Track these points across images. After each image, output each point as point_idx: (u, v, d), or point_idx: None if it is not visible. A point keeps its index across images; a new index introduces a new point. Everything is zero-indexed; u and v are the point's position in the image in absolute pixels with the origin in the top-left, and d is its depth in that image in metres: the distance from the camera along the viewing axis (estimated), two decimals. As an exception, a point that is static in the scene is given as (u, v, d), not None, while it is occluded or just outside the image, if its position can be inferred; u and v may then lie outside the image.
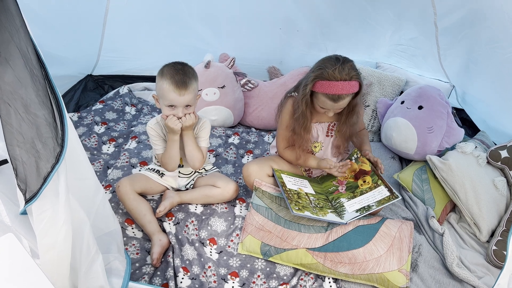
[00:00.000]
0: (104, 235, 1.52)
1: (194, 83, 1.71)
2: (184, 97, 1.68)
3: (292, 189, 1.83)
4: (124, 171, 2.09)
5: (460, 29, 2.11)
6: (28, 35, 1.12)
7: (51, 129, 1.17)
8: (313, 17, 2.59)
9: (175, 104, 1.69)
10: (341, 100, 1.72)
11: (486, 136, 2.23)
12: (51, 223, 1.19)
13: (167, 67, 1.72)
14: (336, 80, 1.67)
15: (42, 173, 1.15)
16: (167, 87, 1.66)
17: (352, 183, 1.90)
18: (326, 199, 1.87)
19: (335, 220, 1.72)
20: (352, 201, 1.82)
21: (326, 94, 1.70)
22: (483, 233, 1.89)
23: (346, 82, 1.68)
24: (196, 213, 1.87)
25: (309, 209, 1.73)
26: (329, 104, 1.74)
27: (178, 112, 1.70)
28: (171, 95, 1.67)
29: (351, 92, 1.71)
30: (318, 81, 1.71)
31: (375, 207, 1.74)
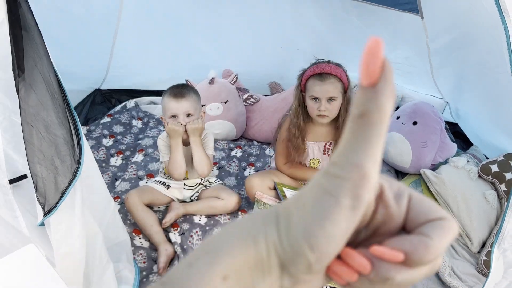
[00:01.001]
0: (115, 245, 1.61)
1: (192, 94, 1.85)
2: (182, 104, 1.81)
3: None
4: (132, 183, 2.18)
5: (451, 51, 2.21)
6: (50, 63, 1.23)
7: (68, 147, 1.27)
8: (312, 36, 2.70)
9: (175, 112, 1.82)
10: (328, 80, 1.81)
11: (478, 150, 2.32)
12: (67, 234, 1.27)
13: (169, 87, 1.89)
14: (321, 63, 1.85)
15: (60, 188, 1.24)
16: (166, 99, 1.83)
17: None
18: None
19: None
20: None
21: (313, 76, 1.83)
22: (474, 244, 1.97)
23: (332, 64, 1.85)
24: (200, 224, 1.95)
25: None
26: (317, 85, 1.82)
27: (180, 120, 1.83)
28: (170, 104, 1.82)
29: (337, 74, 1.82)
30: (307, 70, 1.87)
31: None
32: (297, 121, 1.95)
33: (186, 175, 2.00)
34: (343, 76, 1.85)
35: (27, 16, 1.15)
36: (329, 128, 2.00)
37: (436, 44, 2.28)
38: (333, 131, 2.01)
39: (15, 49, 1.15)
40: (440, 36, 2.22)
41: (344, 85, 1.87)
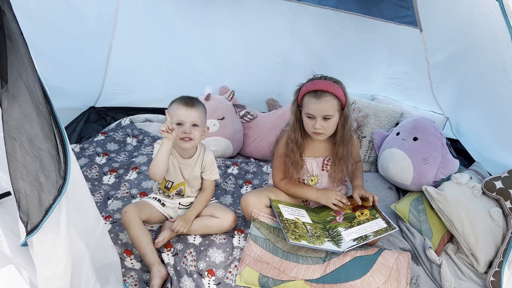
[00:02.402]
0: (103, 267, 1.53)
1: (201, 106, 1.84)
2: (192, 113, 1.78)
3: (289, 219, 1.85)
4: (125, 202, 2.11)
5: (450, 65, 2.18)
6: (36, 73, 1.17)
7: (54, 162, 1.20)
8: (309, 52, 2.68)
9: (183, 119, 1.78)
10: (324, 98, 1.75)
11: (481, 167, 2.26)
12: (51, 254, 1.20)
13: (177, 97, 1.87)
14: (318, 80, 1.80)
15: (44, 205, 1.17)
16: (176, 105, 1.81)
17: (349, 214, 1.92)
18: (323, 228, 1.88)
19: (332, 248, 1.73)
20: (350, 230, 1.83)
21: (309, 93, 1.78)
22: (481, 264, 1.89)
23: (328, 81, 1.78)
24: (194, 244, 1.88)
25: (305, 238, 1.74)
26: (312, 103, 1.77)
27: (186, 128, 1.78)
28: (179, 111, 1.79)
29: (334, 91, 1.76)
30: (302, 86, 1.83)
31: (372, 237, 1.76)
32: (295, 136, 1.90)
33: (184, 189, 1.94)
34: (340, 93, 1.80)
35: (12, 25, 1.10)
36: (327, 143, 1.95)
37: (436, 58, 2.25)
38: (331, 147, 1.96)
39: (-2, 59, 1.10)
40: (439, 50, 2.20)
41: (341, 102, 1.81)
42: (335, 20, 2.48)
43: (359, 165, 2.08)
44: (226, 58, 2.83)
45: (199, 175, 1.94)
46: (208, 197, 1.98)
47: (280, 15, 2.58)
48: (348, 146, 1.90)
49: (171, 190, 1.94)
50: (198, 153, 1.92)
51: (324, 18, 2.50)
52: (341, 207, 1.92)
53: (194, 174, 1.92)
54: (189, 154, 1.90)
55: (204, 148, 1.95)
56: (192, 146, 1.85)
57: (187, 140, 1.80)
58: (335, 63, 2.48)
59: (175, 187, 1.94)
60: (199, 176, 1.95)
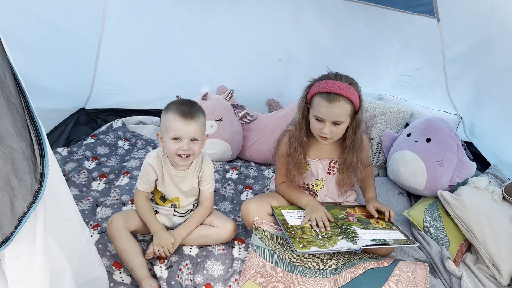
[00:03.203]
0: (88, 282, 1.38)
1: (201, 116, 1.61)
2: (191, 127, 1.56)
3: (295, 225, 1.68)
4: (114, 209, 1.95)
5: (470, 58, 2.04)
6: (6, 59, 1.02)
7: (29, 163, 1.06)
8: (314, 48, 2.54)
9: (180, 135, 1.56)
10: (337, 102, 1.58)
11: (499, 170, 2.12)
12: (26, 269, 1.07)
13: (172, 102, 1.64)
14: (332, 80, 1.61)
15: (17, 213, 1.03)
16: (172, 117, 1.56)
17: (363, 219, 1.75)
18: (335, 226, 1.69)
19: (347, 246, 1.54)
20: (366, 231, 1.65)
21: (321, 94, 1.60)
22: (504, 275, 1.74)
23: (343, 84, 1.60)
24: (190, 255, 1.72)
25: (315, 243, 1.56)
26: (323, 106, 1.60)
27: (183, 145, 1.57)
28: (176, 124, 1.55)
29: (348, 95, 1.59)
30: (315, 83, 1.65)
31: (392, 242, 1.59)
32: (300, 135, 1.74)
33: (178, 204, 1.78)
34: (355, 97, 1.62)
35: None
36: (334, 145, 1.80)
37: (453, 52, 2.11)
38: (338, 148, 1.80)
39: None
40: (458, 42, 2.05)
41: (355, 106, 1.65)
42: (343, 11, 2.33)
43: (370, 172, 1.92)
44: (224, 55, 2.68)
45: (197, 185, 1.76)
46: (205, 213, 1.79)
47: (283, 6, 2.42)
48: (358, 152, 1.74)
49: (166, 203, 1.78)
50: (195, 163, 1.73)
51: (331, 8, 2.35)
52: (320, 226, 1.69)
53: (192, 185, 1.75)
54: (186, 167, 1.71)
55: (202, 157, 1.75)
56: (191, 162, 1.68)
57: (185, 158, 1.61)
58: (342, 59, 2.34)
59: (170, 200, 1.77)
60: (197, 187, 1.77)
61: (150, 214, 1.73)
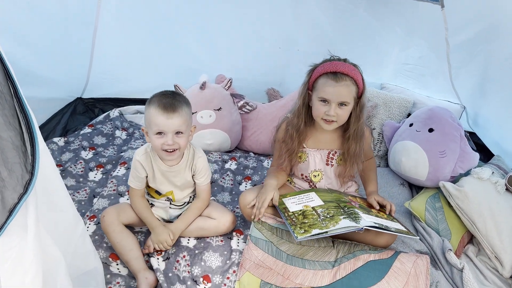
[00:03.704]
0: (83, 275, 1.36)
1: (184, 107, 1.55)
2: (173, 121, 1.50)
3: (296, 211, 1.64)
4: (111, 200, 1.92)
5: (475, 45, 1.99)
6: (-7, 46, 0.98)
7: (18, 153, 1.02)
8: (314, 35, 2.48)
9: (163, 129, 1.51)
10: (343, 82, 1.57)
11: (502, 160, 2.08)
12: (18, 262, 1.04)
13: (155, 94, 1.58)
14: (337, 61, 1.62)
15: (7, 204, 1.00)
16: (154, 111, 1.50)
17: (365, 207, 1.72)
18: (337, 206, 1.65)
19: (350, 225, 1.50)
20: (368, 215, 1.61)
21: (327, 74, 1.59)
22: (506, 267, 1.71)
23: (349, 64, 1.62)
24: (188, 247, 1.70)
25: (317, 226, 1.53)
26: (330, 85, 1.58)
27: (168, 139, 1.52)
28: (158, 119, 1.50)
29: (353, 75, 1.59)
30: (319, 66, 1.64)
31: (394, 230, 1.55)
32: (298, 122, 1.71)
33: (173, 198, 1.74)
34: (359, 79, 1.62)
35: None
36: (334, 135, 1.76)
37: (457, 39, 2.06)
38: (338, 139, 1.77)
39: None
40: (462, 29, 2.00)
41: (359, 89, 1.63)
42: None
43: (372, 164, 1.89)
44: (223, 43, 2.62)
45: (191, 179, 1.72)
46: (202, 206, 1.75)
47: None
48: (361, 141, 1.71)
49: (161, 196, 1.75)
50: (186, 157, 1.67)
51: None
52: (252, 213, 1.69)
53: (186, 179, 1.71)
54: (175, 161, 1.66)
55: (194, 150, 1.69)
56: (178, 156, 1.62)
57: (171, 152, 1.56)
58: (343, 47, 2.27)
59: (165, 194, 1.74)
60: (191, 180, 1.73)
61: (147, 211, 1.70)
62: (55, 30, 2.21)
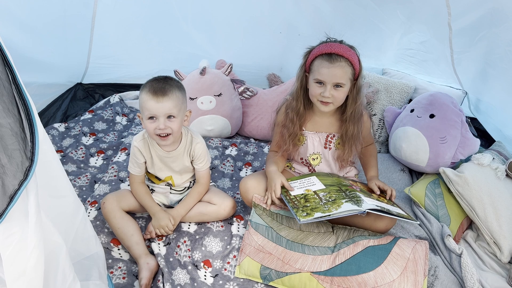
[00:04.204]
0: (84, 260, 1.37)
1: (176, 91, 1.54)
2: (163, 105, 1.50)
3: (297, 195, 1.65)
4: (112, 186, 1.93)
5: (478, 30, 1.97)
6: (-10, 31, 0.97)
7: (18, 140, 1.02)
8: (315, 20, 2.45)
9: (154, 113, 1.52)
10: (338, 63, 1.58)
11: (503, 146, 2.08)
12: (20, 248, 1.05)
13: (148, 80, 1.58)
14: (332, 43, 1.64)
15: (8, 191, 1.01)
16: (145, 96, 1.52)
17: (365, 191, 1.72)
18: (338, 190, 1.66)
19: (352, 208, 1.50)
20: (370, 198, 1.62)
21: (322, 55, 1.60)
22: (504, 253, 1.73)
23: (344, 45, 1.62)
24: (189, 232, 1.71)
25: (319, 209, 1.53)
26: (325, 66, 1.58)
27: (160, 123, 1.52)
28: (148, 103, 1.51)
29: (349, 57, 1.59)
30: (315, 48, 1.65)
31: (395, 213, 1.57)
32: (297, 105, 1.71)
33: (172, 183, 1.75)
34: (355, 60, 1.62)
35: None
36: (332, 118, 1.76)
37: (460, 24, 2.03)
38: (337, 123, 1.77)
39: None
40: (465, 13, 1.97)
41: (355, 71, 1.63)
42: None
43: (373, 150, 1.89)
44: (223, 28, 2.59)
45: (189, 164, 1.72)
46: (203, 190, 1.76)
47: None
48: (359, 123, 1.71)
49: (161, 182, 1.76)
50: (184, 143, 1.68)
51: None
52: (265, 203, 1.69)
53: (184, 165, 1.71)
54: (173, 147, 1.66)
55: (192, 136, 1.69)
56: (172, 141, 1.62)
57: (164, 137, 1.56)
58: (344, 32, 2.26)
59: (164, 180, 1.75)
60: (190, 166, 1.73)
61: (147, 197, 1.71)
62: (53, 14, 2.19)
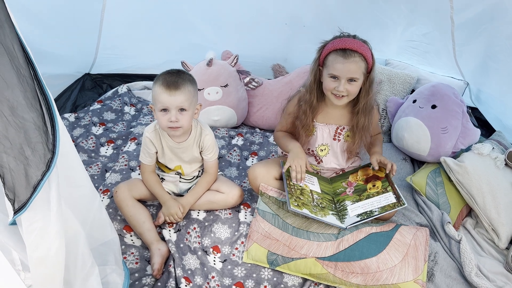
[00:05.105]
0: (101, 246, 1.43)
1: (188, 85, 1.60)
2: (175, 98, 1.56)
3: (296, 184, 1.73)
4: (123, 175, 1.99)
5: (479, 24, 2.00)
6: (14, 31, 1.02)
7: (40, 133, 1.08)
8: (320, 11, 2.48)
9: (167, 106, 1.57)
10: (352, 58, 1.62)
11: (503, 136, 2.13)
12: (42, 235, 1.11)
13: (161, 73, 1.63)
14: (346, 38, 1.66)
15: (31, 181, 1.06)
16: (158, 89, 1.57)
17: (361, 185, 1.80)
18: (331, 200, 1.77)
19: (335, 223, 1.64)
20: (356, 204, 1.73)
21: (336, 51, 1.64)
22: (502, 239, 1.79)
23: (358, 41, 1.65)
24: (198, 219, 1.77)
25: (309, 207, 1.65)
26: (339, 62, 1.62)
27: (171, 116, 1.58)
28: (161, 96, 1.56)
29: (363, 52, 1.63)
30: (329, 43, 1.68)
31: (377, 213, 1.65)
32: (310, 98, 1.76)
33: (182, 173, 1.81)
34: (368, 55, 1.65)
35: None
36: (344, 110, 1.81)
37: (462, 17, 2.06)
38: (348, 115, 1.81)
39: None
40: (467, 7, 2.00)
41: (368, 65, 1.67)
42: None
43: (379, 137, 1.95)
44: (229, 19, 2.63)
45: (198, 155, 1.78)
46: (211, 180, 1.82)
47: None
48: (370, 115, 1.76)
49: (171, 171, 1.82)
50: (194, 134, 1.73)
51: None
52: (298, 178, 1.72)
53: (194, 155, 1.77)
54: (183, 138, 1.72)
55: (201, 128, 1.75)
56: (182, 133, 1.68)
57: (175, 129, 1.62)
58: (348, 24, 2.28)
59: (174, 169, 1.81)
60: (199, 156, 1.79)
61: (158, 186, 1.77)
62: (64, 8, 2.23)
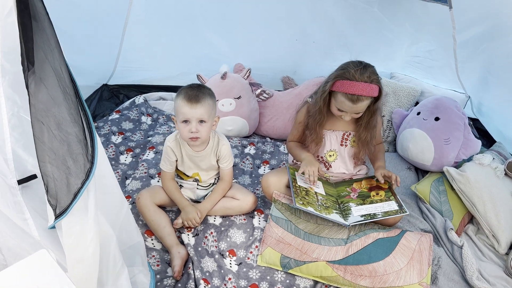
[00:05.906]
0: (128, 248, 1.53)
1: (208, 99, 1.72)
2: (196, 110, 1.68)
3: (302, 186, 1.84)
4: (143, 182, 2.10)
5: (479, 43, 2.12)
6: (62, 55, 1.14)
7: (81, 146, 1.18)
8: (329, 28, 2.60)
9: (188, 117, 1.70)
10: (360, 102, 1.72)
11: (503, 147, 2.23)
12: (80, 238, 1.19)
13: (183, 87, 1.76)
14: (356, 80, 1.69)
15: (72, 189, 1.15)
16: (180, 102, 1.70)
17: (365, 192, 1.91)
18: (335, 201, 1.88)
19: (338, 220, 1.73)
20: (360, 207, 1.83)
21: (345, 94, 1.71)
22: (502, 245, 1.89)
23: (367, 84, 1.69)
24: (215, 224, 1.88)
25: (313, 206, 1.75)
26: (347, 105, 1.74)
27: (192, 127, 1.70)
28: (183, 109, 1.69)
29: (371, 95, 1.72)
30: (339, 80, 1.73)
31: (380, 216, 1.75)
32: (320, 118, 1.86)
33: (199, 179, 1.92)
34: (376, 93, 1.74)
35: (37, 4, 1.06)
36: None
37: (464, 36, 2.18)
38: (353, 123, 1.94)
39: (24, 40, 1.06)
40: (469, 28, 2.12)
41: (375, 98, 1.78)
42: (358, -4, 2.40)
43: (380, 147, 2.05)
44: (242, 34, 2.76)
45: (215, 163, 1.90)
46: (226, 187, 1.93)
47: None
48: (372, 131, 1.88)
49: (189, 178, 1.93)
50: (212, 144, 1.85)
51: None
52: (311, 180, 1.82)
53: (211, 163, 1.89)
54: (201, 147, 1.84)
55: (218, 138, 1.87)
56: (201, 143, 1.80)
57: (195, 139, 1.74)
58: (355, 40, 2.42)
59: (191, 176, 1.93)
60: (216, 164, 1.91)
61: (177, 193, 1.88)
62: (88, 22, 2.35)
